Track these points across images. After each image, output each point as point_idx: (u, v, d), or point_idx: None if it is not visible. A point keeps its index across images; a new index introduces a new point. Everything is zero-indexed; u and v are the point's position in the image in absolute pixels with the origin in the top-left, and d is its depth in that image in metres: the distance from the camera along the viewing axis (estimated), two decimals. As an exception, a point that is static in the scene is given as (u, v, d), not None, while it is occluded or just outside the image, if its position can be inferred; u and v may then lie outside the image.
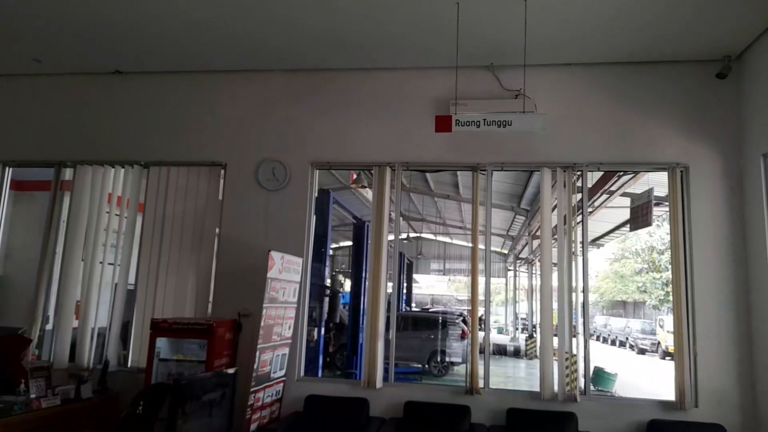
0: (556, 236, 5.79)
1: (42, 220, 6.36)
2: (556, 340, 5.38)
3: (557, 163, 5.61)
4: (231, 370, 4.52)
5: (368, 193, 14.06)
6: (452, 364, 13.49)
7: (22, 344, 5.27)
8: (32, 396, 4.70)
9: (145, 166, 6.21)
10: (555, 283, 5.47)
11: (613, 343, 26.29)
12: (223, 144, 6.14)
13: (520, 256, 23.17)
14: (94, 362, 5.87)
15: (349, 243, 20.48)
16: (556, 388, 5.25)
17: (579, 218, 5.56)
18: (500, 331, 27.85)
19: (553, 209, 5.69)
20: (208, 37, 5.50)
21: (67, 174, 6.39)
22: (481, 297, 5.65)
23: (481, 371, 5.40)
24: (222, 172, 6.11)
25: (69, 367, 5.75)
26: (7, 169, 6.50)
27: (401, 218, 6.06)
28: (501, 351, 19.08)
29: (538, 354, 18.80)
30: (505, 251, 25.28)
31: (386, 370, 5.62)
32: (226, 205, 6.03)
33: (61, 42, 5.72)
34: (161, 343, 5.21)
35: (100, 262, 6.06)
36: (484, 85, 5.81)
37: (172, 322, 5.17)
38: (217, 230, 6.00)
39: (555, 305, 5.48)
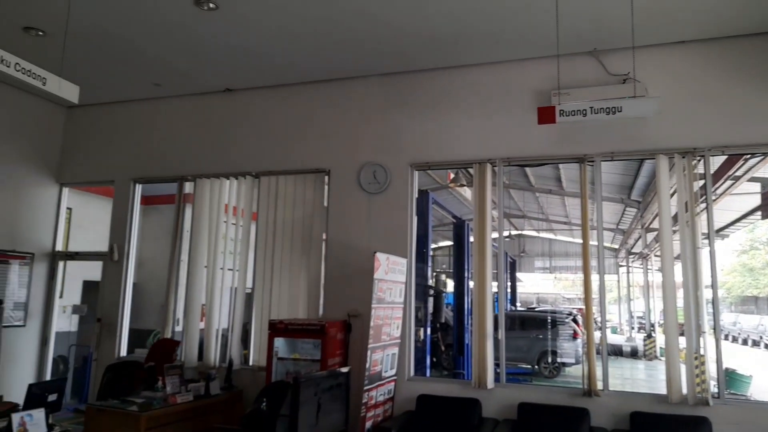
0: (675, 228, 5.37)
1: (167, 231, 6.94)
2: (682, 339, 4.99)
3: (675, 149, 5.21)
4: (345, 369, 4.65)
5: (466, 192, 13.91)
6: (564, 365, 12.96)
7: (174, 346, 5.80)
8: (168, 392, 5.14)
9: (256, 177, 6.59)
10: (678, 278, 5.07)
11: (744, 342, 23.94)
12: (326, 151, 6.36)
13: (633, 250, 21.77)
14: (219, 361, 6.30)
15: (448, 243, 20.38)
16: (684, 390, 4.87)
17: (701, 207, 5.12)
18: (614, 330, 26.35)
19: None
20: (307, 50, 5.73)
21: (188, 187, 6.92)
22: (593, 295, 5.38)
23: (598, 373, 5.14)
24: (326, 178, 6.32)
25: (198, 366, 6.23)
26: (137, 185, 7.17)
27: (495, 214, 5.93)
28: (617, 351, 18.05)
29: (658, 354, 17.59)
30: (616, 246, 23.88)
31: (496, 371, 5.51)
32: (331, 209, 6.24)
33: (178, 66, 6.22)
34: (279, 342, 5.50)
35: (221, 268, 6.51)
36: (587, 72, 5.54)
37: (287, 323, 5.43)
38: (324, 234, 6.22)
39: (679, 302, 5.09)
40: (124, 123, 7.30)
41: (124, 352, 6.80)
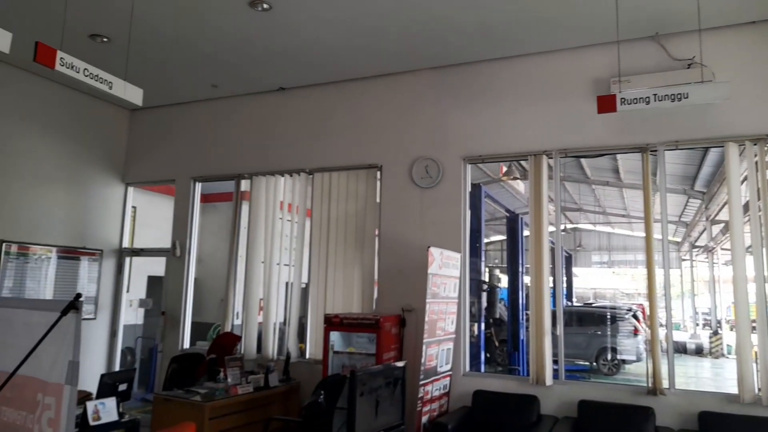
0: (745, 219, 5.08)
1: (224, 228, 7.15)
2: (754, 336, 4.73)
3: (745, 136, 4.92)
4: (400, 363, 4.66)
5: (519, 185, 13.65)
6: (624, 362, 12.54)
7: (236, 341, 5.99)
8: (229, 383, 5.31)
9: (310, 173, 6.68)
10: (749, 272, 4.80)
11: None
12: (377, 146, 6.38)
13: (697, 244, 20.78)
14: (277, 354, 6.45)
15: (500, 237, 20.07)
16: (757, 390, 4.62)
17: (776, 197, 4.82)
18: (677, 327, 25.27)
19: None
20: (358, 46, 5.76)
21: (244, 185, 7.10)
22: (657, 291, 5.16)
23: (663, 371, 4.94)
24: (378, 173, 6.34)
25: (257, 358, 6.40)
26: (196, 183, 7.41)
27: (552, 208, 5.78)
28: (681, 349, 17.32)
29: (724, 352, 16.73)
30: (678, 239, 22.86)
31: (554, 368, 5.39)
32: (384, 204, 6.26)
33: (234, 67, 6.38)
34: (334, 336, 5.57)
35: (277, 264, 6.66)
36: (648, 58, 5.31)
37: (342, 317, 5.50)
38: (377, 229, 6.25)
39: (751, 297, 4.82)
40: (184, 124, 7.56)
41: (187, 345, 7.07)
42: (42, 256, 6.74)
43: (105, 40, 5.68)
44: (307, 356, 6.31)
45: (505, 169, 11.00)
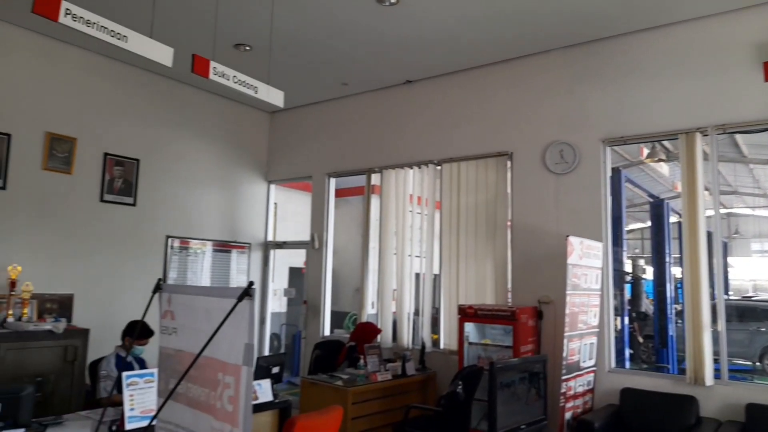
0: None
1: (355, 221, 7.41)
2: None
3: None
4: (541, 357, 4.52)
5: (663, 168, 12.54)
6: (795, 363, 11.04)
7: (375, 331, 6.23)
8: (369, 370, 5.50)
9: (438, 164, 6.69)
10: None
11: None
12: (507, 133, 6.20)
13: None
14: (412, 344, 6.56)
15: (639, 225, 18.63)
16: None
17: None
18: None
19: None
20: (485, 33, 5.64)
21: (374, 179, 7.29)
22: None
23: None
24: (508, 161, 6.17)
25: (392, 347, 6.57)
26: (330, 179, 7.76)
27: (707, 192, 5.19)
28: None
29: None
30: None
31: (716, 367, 4.89)
32: (515, 193, 6.08)
33: (362, 64, 6.56)
34: (469, 327, 5.55)
35: (409, 255, 6.77)
36: (829, 13, 4.58)
37: (477, 308, 5.45)
38: (508, 219, 6.09)
39: None
40: (318, 123, 7.94)
41: (327, 332, 7.45)
42: (197, 251, 7.47)
43: (247, 48, 6.13)
44: (442, 346, 6.34)
45: (647, 151, 10.15)
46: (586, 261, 5.11)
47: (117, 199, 6.50)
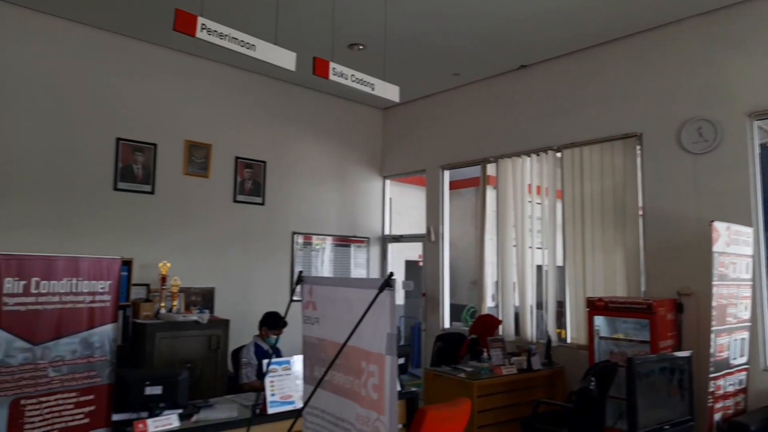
0: None
1: (468, 213, 7.30)
2: None
3: None
4: (685, 354, 4.18)
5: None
6: None
7: (495, 323, 6.16)
8: (493, 363, 5.42)
9: (558, 150, 6.40)
10: None
11: None
12: (635, 113, 5.78)
13: None
14: (537, 337, 6.37)
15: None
16: None
17: None
18: None
19: None
20: (604, 7, 5.28)
21: (489, 169, 7.14)
22: None
23: None
24: (637, 143, 5.75)
25: (515, 341, 6.42)
26: (444, 172, 7.73)
27: None
28: None
29: None
30: None
31: None
32: (646, 176, 5.65)
33: (474, 53, 6.45)
34: (599, 321, 5.27)
35: (529, 247, 6.56)
36: None
37: (607, 300, 5.16)
38: (640, 205, 5.68)
39: None
40: (430, 116, 7.94)
41: (447, 324, 7.45)
42: (318, 246, 7.79)
43: (361, 47, 6.27)
44: (569, 340, 6.08)
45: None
46: (735, 248, 4.63)
47: (248, 199, 6.98)
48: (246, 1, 5.28)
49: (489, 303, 7.03)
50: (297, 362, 4.13)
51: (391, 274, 1.94)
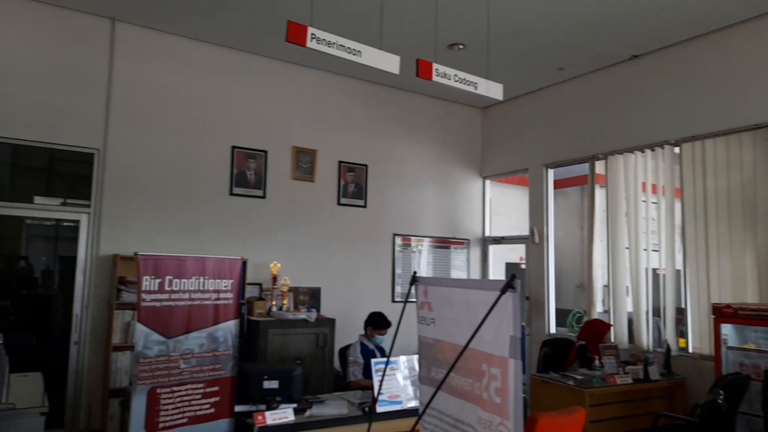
0: None
1: (573, 213, 6.97)
2: None
3: None
4: (836, 368, 3.72)
5: None
6: None
7: (605, 328, 5.85)
8: (606, 371, 5.15)
9: (676, 145, 5.96)
10: None
11: None
12: (766, 101, 5.24)
13: None
14: (653, 345, 5.96)
15: None
16: None
17: None
18: None
19: None
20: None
21: (598, 167, 6.78)
22: None
23: None
24: (770, 134, 5.21)
25: (629, 348, 6.05)
26: (549, 170, 7.46)
27: None
28: None
29: None
30: None
31: None
32: (781, 171, 5.11)
33: (580, 45, 6.16)
34: (726, 329, 4.85)
35: (644, 249, 6.16)
36: None
37: (737, 307, 4.75)
38: (774, 202, 5.15)
39: None
40: (532, 113, 7.71)
41: (552, 329, 7.19)
42: (415, 248, 7.80)
43: (461, 47, 6.22)
44: (690, 350, 5.63)
45: None
46: None
47: (350, 201, 7.17)
48: (352, 8, 5.41)
49: (599, 308, 6.69)
50: (402, 363, 4.18)
51: (513, 276, 1.90)
